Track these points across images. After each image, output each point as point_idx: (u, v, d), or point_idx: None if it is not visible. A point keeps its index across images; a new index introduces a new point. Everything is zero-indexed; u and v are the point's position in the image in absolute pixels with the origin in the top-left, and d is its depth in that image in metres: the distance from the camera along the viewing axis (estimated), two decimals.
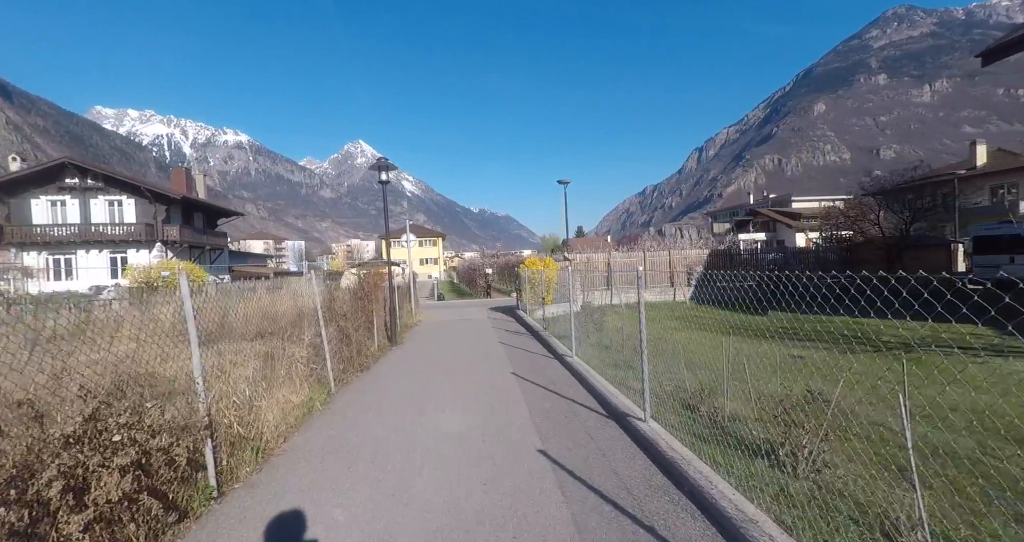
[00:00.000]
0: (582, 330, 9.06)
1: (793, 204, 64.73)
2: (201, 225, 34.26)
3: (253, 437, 3.93)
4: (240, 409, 3.87)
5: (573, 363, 6.85)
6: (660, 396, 4.98)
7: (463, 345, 9.65)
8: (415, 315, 14.98)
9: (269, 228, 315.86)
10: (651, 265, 19.68)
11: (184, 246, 30.50)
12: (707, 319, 9.66)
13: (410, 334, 11.93)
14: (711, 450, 3.56)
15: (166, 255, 29.11)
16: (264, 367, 5.09)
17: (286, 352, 5.13)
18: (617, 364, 7.01)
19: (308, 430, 4.61)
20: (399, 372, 7.24)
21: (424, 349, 9.35)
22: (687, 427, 4.09)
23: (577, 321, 8.50)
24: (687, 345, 8.10)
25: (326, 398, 5.69)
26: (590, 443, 3.95)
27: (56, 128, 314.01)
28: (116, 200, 28.76)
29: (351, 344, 7.53)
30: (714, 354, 6.74)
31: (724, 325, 8.32)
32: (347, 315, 7.70)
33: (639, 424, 4.04)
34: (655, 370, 5.81)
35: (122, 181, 28.80)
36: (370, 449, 4.04)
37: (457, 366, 7.43)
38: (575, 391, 5.64)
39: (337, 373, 6.65)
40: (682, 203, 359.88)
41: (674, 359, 6.90)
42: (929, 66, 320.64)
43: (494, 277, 30.44)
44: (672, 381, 5.83)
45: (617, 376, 6.29)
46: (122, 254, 28.52)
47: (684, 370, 6.68)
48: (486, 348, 9.15)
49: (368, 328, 8.80)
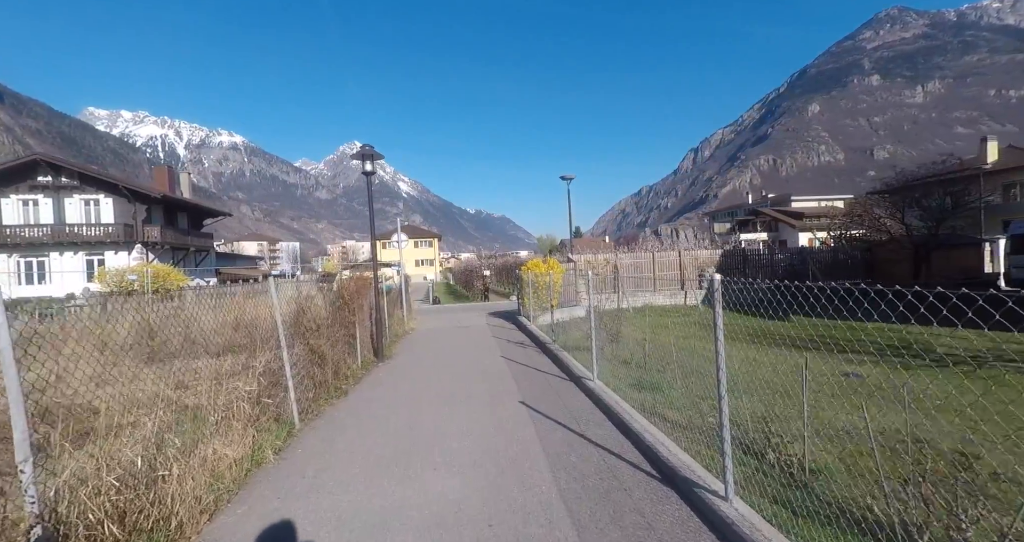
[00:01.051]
0: (590, 338, 7.83)
1: (792, 204, 64.15)
2: (186, 226, 32.77)
3: (153, 528, 2.65)
4: (127, 489, 2.58)
5: (596, 389, 5.59)
6: (707, 431, 3.75)
7: (460, 361, 8.37)
8: (407, 322, 13.70)
9: (264, 230, 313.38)
10: (659, 266, 18.52)
11: (166, 248, 29.02)
12: (727, 326, 8.52)
13: (400, 346, 10.64)
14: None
15: (147, 257, 27.62)
16: (205, 403, 3.82)
17: (225, 387, 3.82)
18: (641, 384, 5.78)
19: (249, 497, 3.34)
20: (383, 400, 5.96)
21: (415, 367, 8.06)
22: (766, 489, 2.86)
23: (596, 334, 7.27)
24: (712, 358, 6.89)
25: (284, 441, 4.41)
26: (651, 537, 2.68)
27: (48, 129, 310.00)
28: (92, 199, 27.24)
29: (326, 364, 6.25)
30: (751, 370, 5.59)
31: (747, 333, 7.24)
32: (321, 329, 6.42)
33: (719, 505, 2.77)
34: (688, 392, 4.59)
35: (98, 179, 27.29)
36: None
37: (453, 392, 6.15)
38: (608, 435, 4.35)
39: (305, 403, 5.38)
40: (678, 204, 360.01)
41: (705, 378, 5.71)
42: (922, 67, 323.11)
43: (492, 279, 29.17)
44: (712, 407, 4.62)
45: (644, 401, 5.06)
46: (99, 256, 27.00)
47: (724, 393, 5.48)
48: (486, 365, 7.89)
49: (349, 342, 7.52)
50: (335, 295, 7.39)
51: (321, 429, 4.93)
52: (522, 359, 8.24)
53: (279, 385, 4.90)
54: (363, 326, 8.85)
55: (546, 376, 6.84)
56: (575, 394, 5.77)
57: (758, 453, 3.69)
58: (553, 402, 5.45)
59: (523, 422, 4.78)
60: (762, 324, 8.52)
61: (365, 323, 9.01)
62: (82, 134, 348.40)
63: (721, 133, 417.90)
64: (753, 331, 8.37)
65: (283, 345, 4.93)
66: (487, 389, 6.15)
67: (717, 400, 3.02)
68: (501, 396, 5.80)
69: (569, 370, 6.80)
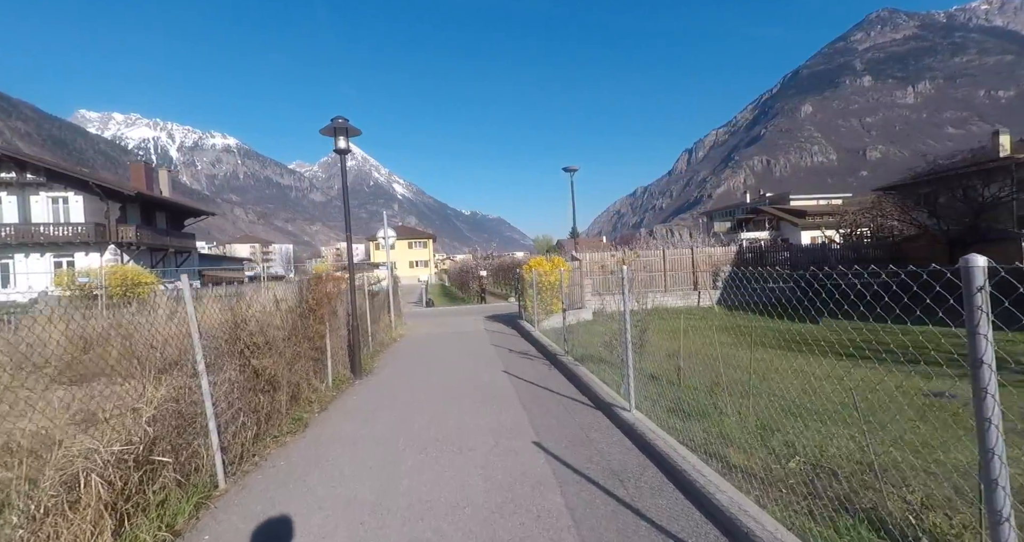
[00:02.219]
0: (611, 347, 6.42)
1: (791, 203, 63.52)
2: (165, 225, 31.03)
3: None
4: None
5: (636, 425, 4.13)
6: (795, 486, 2.34)
7: (455, 379, 6.89)
8: (395, 328, 12.20)
9: (258, 232, 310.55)
10: (670, 265, 17.16)
11: (143, 249, 27.28)
12: (753, 330, 7.34)
13: (385, 358, 9.14)
14: None
15: (121, 258, 25.90)
16: None
17: (58, 455, 2.29)
18: (681, 408, 4.36)
19: None
20: (350, 441, 4.46)
21: (400, 387, 6.55)
22: None
23: (630, 347, 5.84)
24: (759, 371, 5.55)
25: (188, 519, 2.93)
26: None
27: (38, 132, 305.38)
28: (61, 197, 25.47)
29: (278, 390, 4.76)
30: (802, 386, 4.31)
31: (780, 338, 6.20)
32: (275, 344, 4.92)
33: None
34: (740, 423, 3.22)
35: (67, 175, 25.52)
36: None
37: (444, 429, 4.67)
38: (674, 509, 2.82)
39: (239, 449, 3.89)
40: (673, 204, 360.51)
41: (761, 398, 4.35)
42: (912, 68, 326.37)
43: (488, 280, 27.72)
44: (787, 446, 3.26)
45: (691, 433, 3.64)
46: (68, 258, 25.23)
47: (787, 417, 4.09)
48: (486, 383, 6.42)
49: (316, 358, 6.02)
50: (297, 299, 5.90)
51: (256, 489, 3.45)
52: (530, 375, 6.77)
53: (192, 429, 3.41)
54: (337, 335, 7.36)
55: (563, 401, 5.36)
56: (608, 432, 4.28)
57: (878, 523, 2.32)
58: (581, 446, 3.97)
59: (544, 483, 3.30)
60: (790, 327, 7.38)
61: (341, 332, 7.52)
62: (73, 137, 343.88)
63: (715, 134, 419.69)
64: (785, 336, 7.16)
65: (201, 371, 3.45)
66: (490, 424, 4.66)
67: None
68: (509, 435, 4.31)
69: (593, 393, 5.33)
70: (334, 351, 7.03)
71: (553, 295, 12.39)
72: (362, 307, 9.60)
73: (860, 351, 6.74)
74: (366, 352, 9.14)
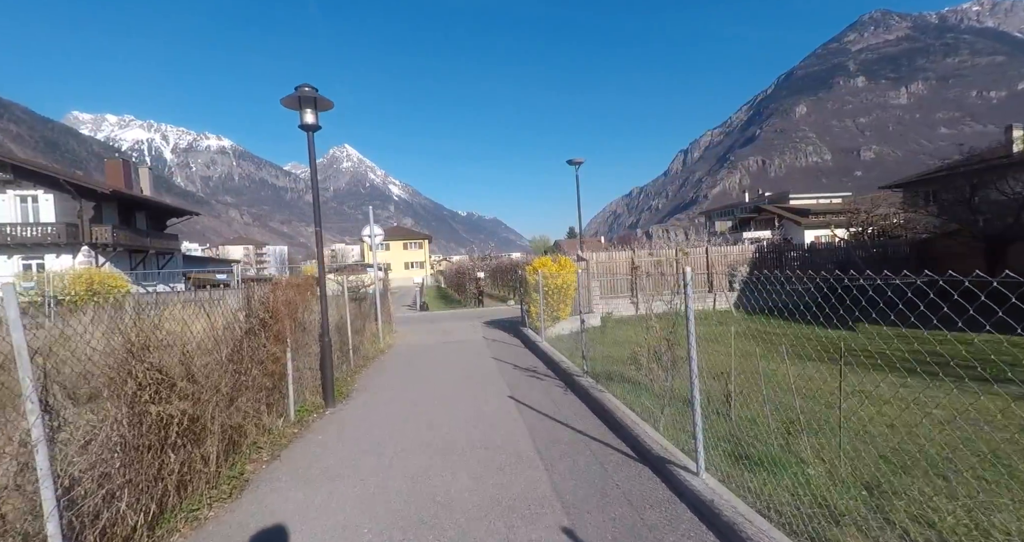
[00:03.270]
0: (640, 365, 5.13)
1: (791, 202, 62.92)
2: (145, 226, 29.46)
3: None
4: None
5: (716, 504, 2.80)
6: None
7: (449, 409, 5.56)
8: (384, 338, 10.84)
9: (253, 234, 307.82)
10: (681, 265, 15.92)
11: (120, 250, 25.73)
12: (785, 338, 6.35)
13: (368, 376, 7.79)
14: None
15: (95, 261, 24.36)
16: None
17: None
18: (740, 453, 3.09)
19: None
20: (302, 523, 3.14)
21: (379, 424, 5.19)
22: None
23: (662, 365, 4.55)
24: (817, 393, 4.35)
25: None
26: None
27: (31, 134, 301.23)
28: (30, 195, 23.89)
29: (202, 439, 3.43)
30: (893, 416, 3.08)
31: (816, 347, 5.52)
32: (200, 378, 3.58)
33: None
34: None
35: (37, 172, 23.96)
36: None
37: (435, 499, 3.33)
38: None
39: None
40: (668, 205, 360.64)
41: (827, 426, 3.10)
42: (905, 69, 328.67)
43: (486, 282, 26.41)
44: (915, 519, 1.99)
45: (778, 496, 2.36)
46: (38, 260, 23.64)
47: (890, 466, 2.86)
48: (489, 418, 5.10)
49: (271, 386, 4.68)
50: (246, 310, 4.55)
51: None
52: (543, 403, 5.45)
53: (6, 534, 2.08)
54: (306, 353, 6.02)
55: (594, 449, 3.99)
56: (671, 512, 2.89)
57: None
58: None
59: None
60: (824, 334, 6.77)
61: (311, 349, 6.18)
62: (65, 138, 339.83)
63: (710, 135, 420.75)
64: (823, 345, 6.06)
65: (38, 438, 2.13)
66: (497, 492, 3.29)
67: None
68: (526, 517, 2.95)
69: (632, 437, 3.98)
70: (300, 374, 5.70)
71: (560, 300, 11.11)
72: (343, 317, 8.26)
73: (924, 365, 5.55)
74: (346, 368, 7.81)
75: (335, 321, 8.05)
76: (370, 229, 10.31)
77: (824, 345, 5.99)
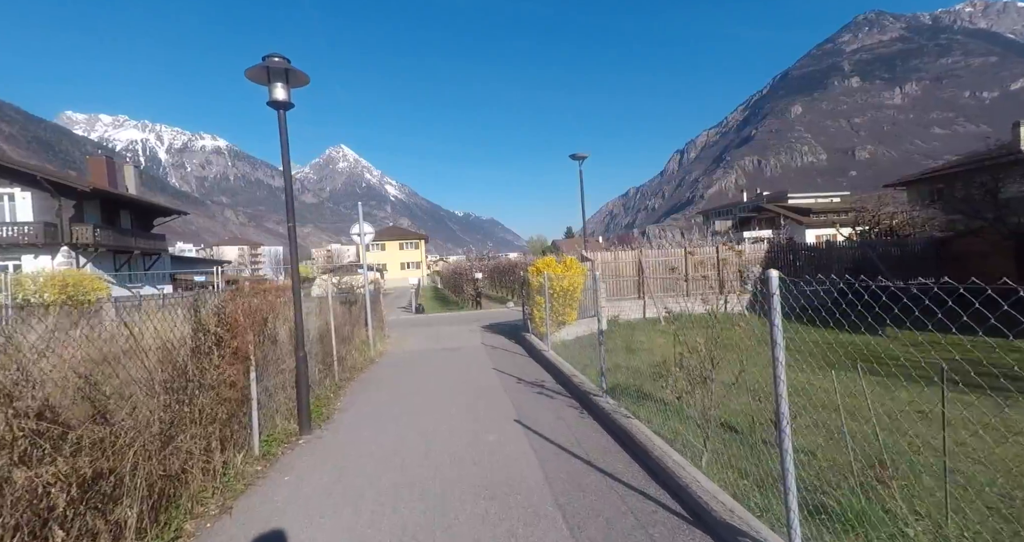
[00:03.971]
0: (667, 379, 4.30)
1: (790, 201, 62.52)
2: (129, 225, 28.37)
3: None
4: None
5: None
6: None
7: (446, 440, 4.69)
8: (375, 345, 9.96)
9: (249, 234, 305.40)
10: (692, 266, 15.15)
11: (103, 250, 24.66)
12: (808, 343, 5.64)
13: (355, 391, 6.91)
14: None
15: (76, 262, 23.30)
16: None
17: None
18: (817, 506, 2.26)
19: None
20: None
21: (363, 455, 4.32)
22: None
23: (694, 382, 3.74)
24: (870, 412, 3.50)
25: None
26: None
27: (23, 134, 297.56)
28: (6, 193, 22.79)
29: (119, 498, 2.58)
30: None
31: (844, 354, 4.52)
32: (112, 417, 2.72)
33: None
34: None
35: (13, 169, 22.89)
36: None
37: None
38: None
39: None
40: (665, 205, 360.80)
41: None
42: (899, 69, 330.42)
43: (484, 283, 25.54)
44: None
45: None
46: (15, 261, 22.53)
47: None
48: (493, 452, 4.24)
49: (227, 416, 3.81)
50: (193, 323, 3.68)
51: None
52: (560, 434, 4.58)
53: None
54: (277, 371, 5.15)
55: (632, 505, 3.13)
56: None
57: None
58: None
59: None
60: (849, 340, 6.15)
61: (284, 364, 5.31)
62: (59, 138, 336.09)
63: (706, 135, 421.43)
64: (852, 351, 5.51)
65: None
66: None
67: None
68: None
69: (684, 490, 3.10)
70: (270, 395, 4.83)
71: (566, 303, 10.28)
72: (328, 323, 7.39)
73: (968, 376, 4.77)
74: (330, 383, 6.93)
75: (319, 328, 7.19)
76: (359, 226, 9.43)
77: (847, 351, 5.29)
